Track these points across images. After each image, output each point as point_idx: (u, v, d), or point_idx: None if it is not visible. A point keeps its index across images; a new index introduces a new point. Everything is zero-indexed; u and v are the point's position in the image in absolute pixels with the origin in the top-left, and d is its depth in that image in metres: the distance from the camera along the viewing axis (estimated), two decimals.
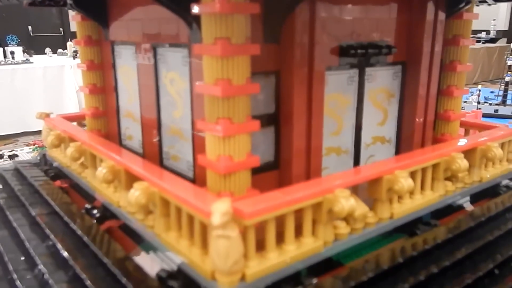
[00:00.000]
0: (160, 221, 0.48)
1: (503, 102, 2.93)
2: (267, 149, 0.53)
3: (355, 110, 0.60)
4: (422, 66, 0.63)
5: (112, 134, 0.76)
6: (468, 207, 0.62)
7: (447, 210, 0.59)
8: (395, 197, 0.52)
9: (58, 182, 0.71)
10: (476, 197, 0.63)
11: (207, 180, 0.48)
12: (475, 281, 0.46)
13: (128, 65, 0.66)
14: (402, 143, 0.67)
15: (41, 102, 3.87)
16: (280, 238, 0.43)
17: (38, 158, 0.87)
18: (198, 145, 0.54)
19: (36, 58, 4.32)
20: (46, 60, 4.31)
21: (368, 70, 0.60)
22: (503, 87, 2.95)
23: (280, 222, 0.42)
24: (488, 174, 0.63)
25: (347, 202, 0.43)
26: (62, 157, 0.75)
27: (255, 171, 0.47)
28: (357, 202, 0.45)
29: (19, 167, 0.77)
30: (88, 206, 0.62)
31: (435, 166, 0.56)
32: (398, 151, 0.67)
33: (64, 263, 0.47)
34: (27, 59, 4.08)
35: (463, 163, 0.55)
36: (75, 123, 0.79)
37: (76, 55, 4.26)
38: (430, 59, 0.64)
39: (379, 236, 0.51)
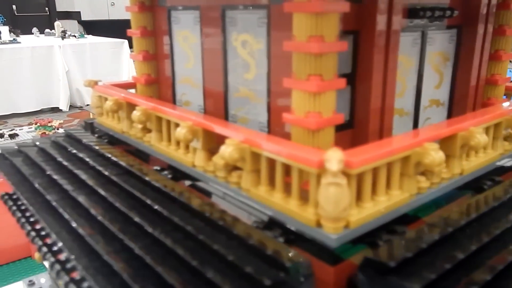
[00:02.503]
0: (249, 177, 0.50)
1: None
2: (342, 109, 0.55)
3: (416, 72, 0.62)
4: (478, 30, 0.65)
5: (165, 101, 0.77)
6: None
7: (506, 168, 0.62)
8: (464, 154, 0.54)
9: (118, 147, 0.72)
10: None
11: (292, 137, 0.50)
12: None
13: (188, 30, 0.67)
14: (455, 107, 0.69)
15: (30, 83, 3.82)
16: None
17: (81, 126, 0.88)
18: (274, 105, 0.56)
19: (23, 38, 4.24)
20: (34, 40, 4.24)
21: (429, 33, 0.61)
22: None
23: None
24: None
25: (437, 154, 0.45)
26: (115, 123, 0.76)
27: None
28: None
29: (73, 134, 0.78)
30: (157, 167, 0.64)
31: (496, 125, 0.58)
32: (450, 115, 0.70)
33: (159, 216, 0.50)
34: (14, 39, 4.02)
35: None
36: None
37: (64, 35, 4.20)
38: (485, 23, 0.66)
39: (450, 191, 0.54)
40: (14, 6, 4.89)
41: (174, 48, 0.72)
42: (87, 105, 3.95)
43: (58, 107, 3.99)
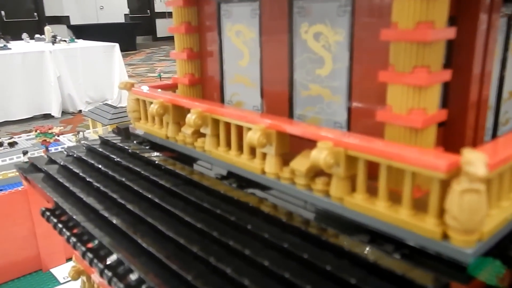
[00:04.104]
0: (341, 184, 0.44)
1: None
2: None
3: (500, 62, 0.57)
4: None
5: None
6: None
7: None
8: None
9: (165, 154, 0.66)
10: None
11: (387, 137, 0.45)
12: None
13: (243, 24, 0.61)
14: None
15: (21, 89, 3.74)
16: None
17: (114, 132, 0.81)
18: (357, 102, 0.50)
19: (13, 44, 4.16)
20: (24, 46, 4.16)
21: None
22: None
23: None
24: None
25: None
26: (157, 128, 0.70)
27: None
28: None
29: (108, 141, 0.72)
30: (217, 175, 0.58)
31: None
32: None
33: (243, 232, 0.44)
34: (4, 45, 3.93)
35: None
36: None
37: (55, 40, 4.12)
38: None
39: None
40: (2, 12, 4.77)
41: (223, 45, 0.66)
42: (80, 111, 3.87)
43: (50, 114, 3.90)
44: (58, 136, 3.05)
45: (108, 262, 0.47)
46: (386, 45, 0.43)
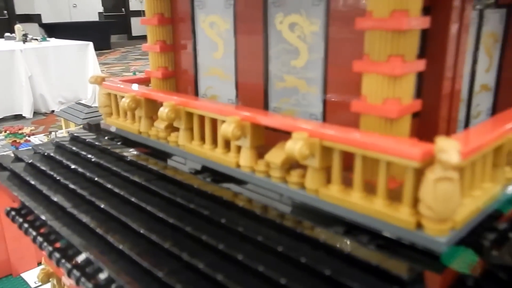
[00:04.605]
0: (316, 175, 0.43)
1: None
2: None
3: (472, 54, 0.57)
4: None
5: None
6: None
7: None
8: None
9: (138, 149, 0.64)
10: None
11: (362, 127, 0.44)
12: None
13: (217, 15, 0.60)
14: (501, 91, 0.65)
15: None
16: None
17: (85, 128, 0.79)
18: (332, 93, 0.50)
19: None
20: None
21: (486, 12, 0.57)
22: None
23: None
24: None
25: None
26: (129, 124, 0.68)
27: None
28: None
29: (78, 137, 0.69)
30: (190, 170, 0.56)
31: None
32: (496, 100, 0.66)
33: (218, 227, 0.42)
34: None
35: None
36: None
37: (25, 39, 4.00)
38: None
39: None
40: None
41: (197, 37, 0.64)
42: (52, 111, 3.77)
43: (21, 114, 3.79)
44: (29, 136, 2.96)
45: (76, 262, 0.45)
46: (361, 35, 0.43)
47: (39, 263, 1.42)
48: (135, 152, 0.62)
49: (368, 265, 0.34)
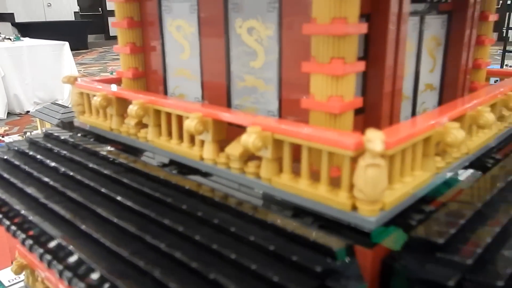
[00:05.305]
0: (270, 166, 0.48)
1: None
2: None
3: (415, 56, 0.63)
4: (467, 15, 0.67)
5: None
6: None
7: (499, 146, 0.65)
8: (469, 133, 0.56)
9: (109, 145, 0.68)
10: None
11: (311, 122, 0.49)
12: None
13: (183, 19, 0.64)
14: (445, 90, 0.72)
15: None
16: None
17: (58, 126, 0.82)
18: (286, 92, 0.55)
19: None
20: None
21: (426, 18, 0.63)
22: None
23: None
24: None
25: (458, 133, 0.46)
26: (101, 121, 0.71)
27: None
28: None
29: (52, 134, 0.72)
30: (158, 163, 0.60)
31: (492, 106, 0.61)
32: (441, 98, 0.72)
33: (180, 212, 0.47)
34: None
35: None
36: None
37: (2, 39, 3.94)
38: (473, 8, 0.68)
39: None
40: None
41: (165, 39, 0.69)
42: (28, 111, 3.72)
43: None
44: (2, 137, 2.93)
45: (48, 247, 0.48)
46: (309, 39, 0.48)
47: (13, 262, 1.42)
48: (106, 148, 0.66)
49: (307, 241, 0.39)
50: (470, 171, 0.58)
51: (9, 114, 3.82)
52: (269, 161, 0.48)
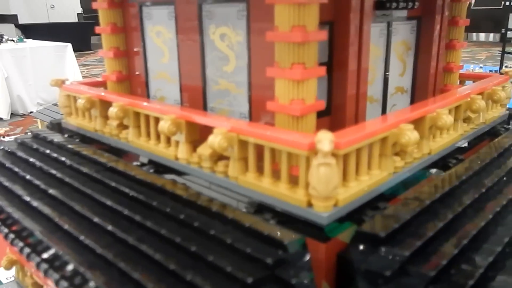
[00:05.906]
0: (236, 165, 0.51)
1: None
2: (320, 97, 0.57)
3: (384, 61, 0.66)
4: (436, 21, 0.70)
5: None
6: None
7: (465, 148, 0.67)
8: (431, 135, 0.59)
9: (92, 145, 0.71)
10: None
11: (276, 124, 0.52)
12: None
13: (162, 25, 0.67)
14: (417, 93, 0.74)
15: None
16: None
17: (48, 127, 0.85)
18: (256, 95, 0.58)
19: None
20: None
21: (394, 24, 0.66)
22: None
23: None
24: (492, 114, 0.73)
25: (412, 134, 0.49)
26: (86, 122, 0.75)
27: None
28: None
29: (39, 135, 0.76)
30: (137, 163, 0.64)
31: (457, 108, 0.63)
32: (413, 101, 0.75)
33: (150, 208, 0.50)
34: None
35: (482, 103, 0.63)
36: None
37: (1, 39, 3.99)
38: (441, 14, 0.71)
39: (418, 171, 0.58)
40: None
41: (146, 44, 0.72)
42: (31, 112, 3.77)
43: None
44: (3, 137, 2.97)
45: (28, 241, 0.52)
46: (273, 46, 0.50)
47: (4, 258, 1.46)
48: (90, 148, 0.69)
49: (262, 235, 0.42)
50: (433, 170, 0.61)
51: (13, 115, 3.86)
52: (236, 160, 0.51)
